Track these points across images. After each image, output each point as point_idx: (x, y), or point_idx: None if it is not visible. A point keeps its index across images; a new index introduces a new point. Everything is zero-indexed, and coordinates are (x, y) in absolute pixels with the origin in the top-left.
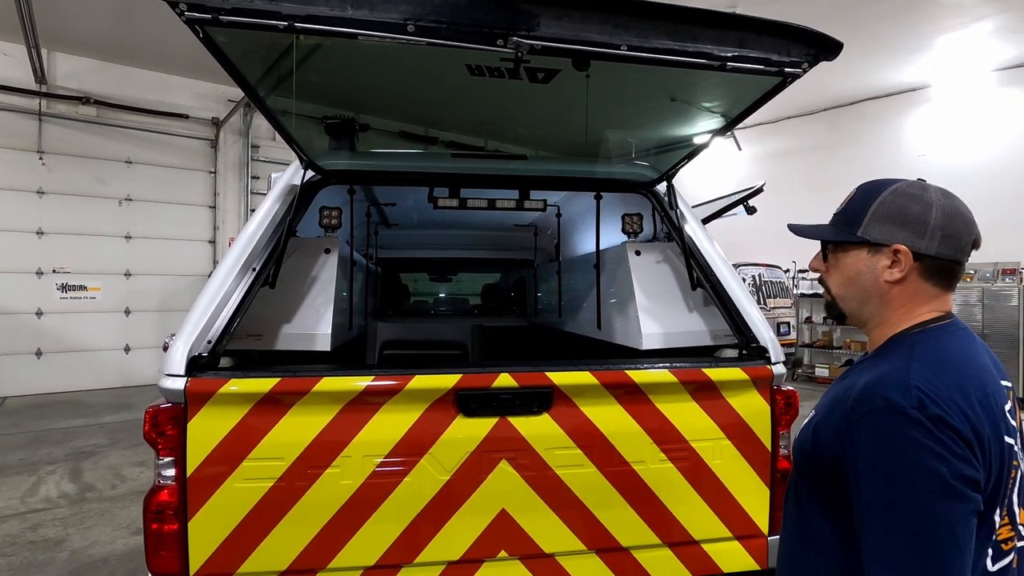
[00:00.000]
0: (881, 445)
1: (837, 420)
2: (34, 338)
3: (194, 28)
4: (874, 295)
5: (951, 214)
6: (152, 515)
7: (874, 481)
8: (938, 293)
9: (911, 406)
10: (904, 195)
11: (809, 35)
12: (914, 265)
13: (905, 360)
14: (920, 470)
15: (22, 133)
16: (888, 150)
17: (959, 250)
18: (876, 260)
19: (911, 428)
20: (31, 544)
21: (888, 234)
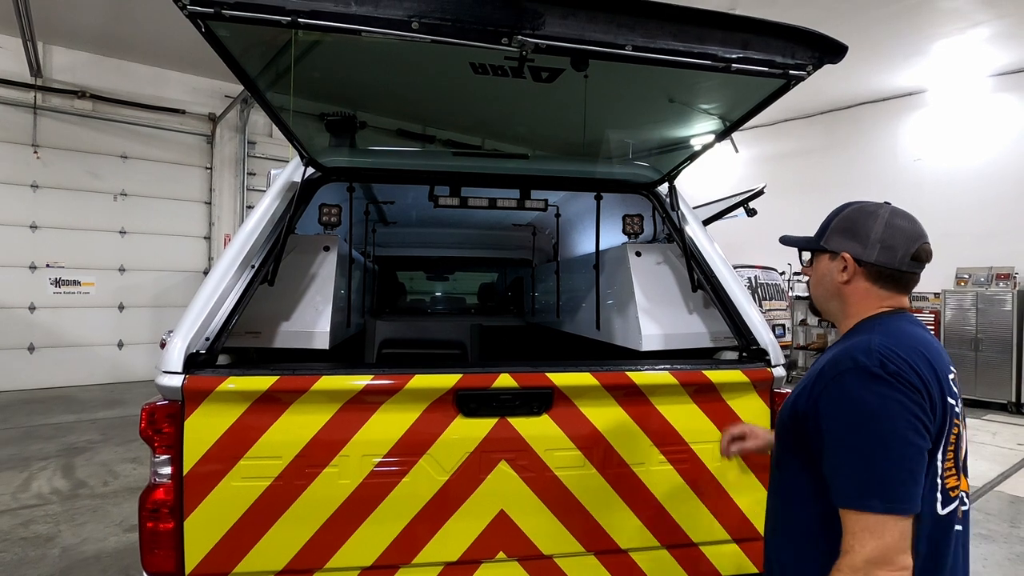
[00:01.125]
0: (849, 395)
1: (811, 387)
2: (27, 333)
3: (196, 22)
4: (834, 294)
5: (894, 229)
6: (148, 513)
7: (842, 422)
8: (888, 295)
9: (873, 364)
10: (859, 212)
11: (814, 38)
12: (859, 270)
13: (867, 334)
14: (883, 409)
15: (16, 126)
16: (884, 154)
17: (897, 260)
18: (834, 265)
19: (874, 381)
20: (22, 540)
21: (839, 244)
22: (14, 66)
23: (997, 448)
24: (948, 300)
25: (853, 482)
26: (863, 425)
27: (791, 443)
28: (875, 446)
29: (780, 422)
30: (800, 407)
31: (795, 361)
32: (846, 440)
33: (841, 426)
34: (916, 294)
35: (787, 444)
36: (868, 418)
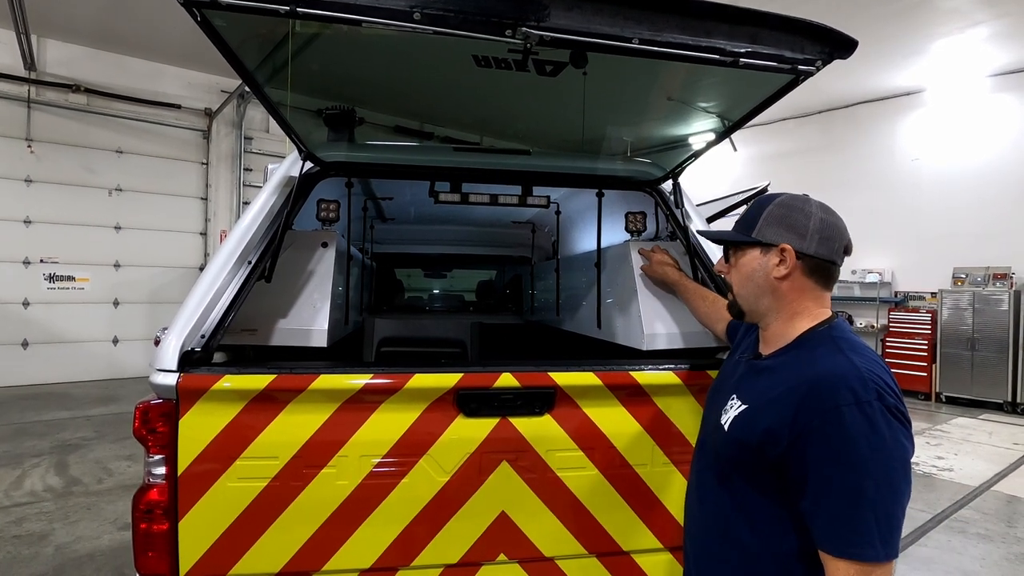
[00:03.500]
0: (851, 436)
1: (785, 416)
2: (20, 329)
3: (191, 11)
4: (767, 290)
5: (826, 222)
6: (141, 514)
7: (841, 465)
8: (820, 292)
9: (873, 398)
10: (789, 205)
11: (824, 32)
12: (797, 263)
13: (839, 354)
14: (885, 453)
15: (10, 120)
16: (882, 153)
17: (833, 252)
18: (767, 259)
19: (876, 419)
20: (15, 539)
21: (776, 235)
22: (8, 59)
23: (994, 448)
24: (945, 300)
25: (855, 529)
26: (869, 468)
27: (754, 467)
28: (881, 491)
29: (736, 442)
30: (772, 431)
31: None
32: (848, 484)
33: (840, 468)
34: (913, 293)
35: (745, 466)
36: (877, 460)
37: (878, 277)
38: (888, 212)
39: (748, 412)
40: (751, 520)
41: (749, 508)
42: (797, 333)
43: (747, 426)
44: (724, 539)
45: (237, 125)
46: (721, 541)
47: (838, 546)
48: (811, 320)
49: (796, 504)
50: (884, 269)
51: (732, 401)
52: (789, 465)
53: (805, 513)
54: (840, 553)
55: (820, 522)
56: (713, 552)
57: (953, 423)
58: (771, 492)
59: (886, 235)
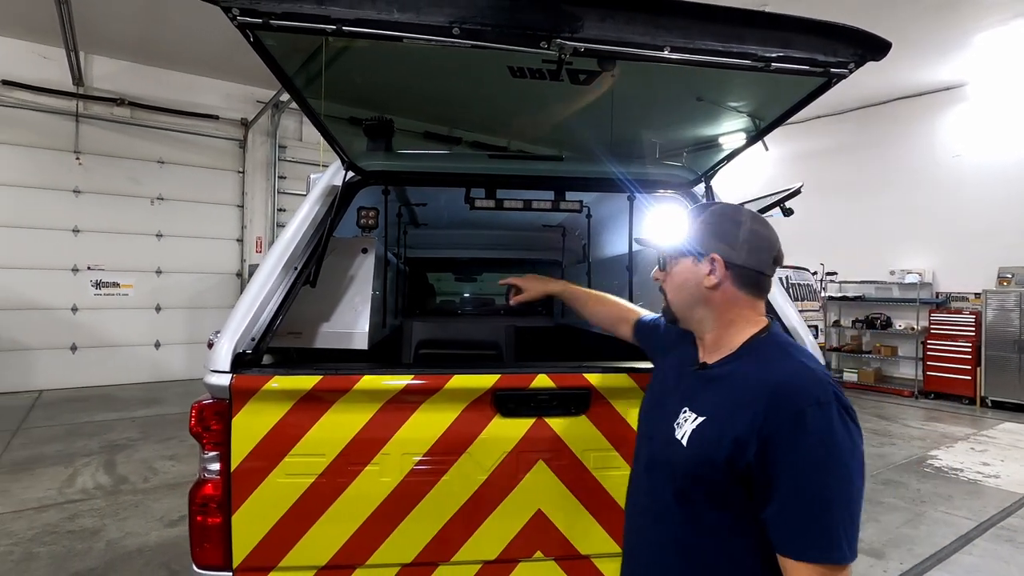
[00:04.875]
0: (816, 439)
1: (752, 424)
2: (69, 333)
3: (245, 32)
4: (699, 299)
5: (757, 232)
6: (197, 508)
7: (807, 469)
8: (751, 301)
9: (832, 400)
10: (721, 215)
11: (857, 35)
12: (727, 272)
13: (790, 359)
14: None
15: (60, 134)
16: (921, 150)
17: (762, 262)
18: (699, 268)
19: (837, 421)
20: (70, 533)
21: (707, 245)
22: (57, 75)
23: None
24: (990, 300)
25: (822, 532)
26: (834, 469)
27: (709, 479)
28: (844, 492)
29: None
30: (739, 440)
31: (828, 363)
32: (814, 486)
33: (808, 471)
34: (956, 294)
35: (700, 480)
36: (841, 461)
37: (918, 278)
38: (928, 210)
39: (708, 424)
40: (717, 538)
41: (714, 526)
42: (740, 341)
43: (711, 439)
44: (684, 560)
45: (271, 134)
46: (681, 563)
47: (804, 550)
48: (750, 327)
49: (758, 514)
50: (924, 269)
51: (685, 414)
52: (756, 473)
53: (768, 520)
54: (806, 557)
55: (786, 527)
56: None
57: (1000, 428)
58: (736, 506)
59: (926, 234)
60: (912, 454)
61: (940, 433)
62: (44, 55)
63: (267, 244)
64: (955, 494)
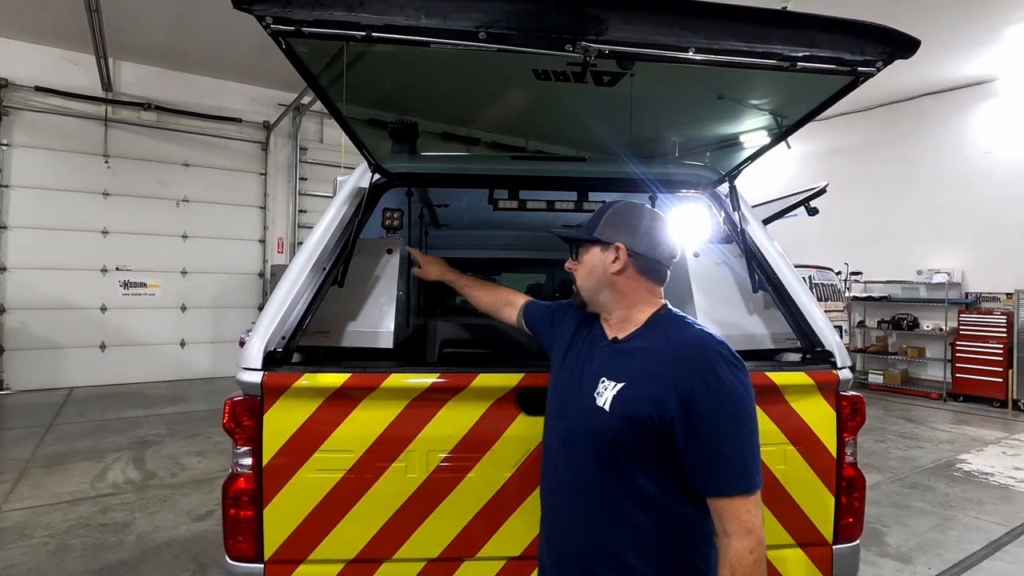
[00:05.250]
0: (728, 387)
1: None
2: (99, 332)
3: (278, 40)
4: (605, 284)
5: (655, 225)
6: (230, 501)
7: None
8: (651, 286)
9: (732, 355)
10: (624, 209)
11: (885, 33)
12: (629, 260)
13: (690, 327)
14: (750, 397)
15: (90, 138)
16: (950, 147)
17: (659, 253)
18: (605, 256)
19: (740, 371)
20: (102, 526)
21: (612, 235)
22: (87, 82)
23: None
24: (1022, 300)
25: (743, 469)
26: (743, 413)
27: (632, 441)
28: (751, 431)
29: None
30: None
31: (853, 364)
32: (730, 430)
33: (724, 418)
34: (986, 294)
35: (624, 442)
36: (745, 406)
37: (946, 277)
38: (958, 208)
39: (628, 389)
40: (644, 496)
41: (640, 485)
42: (643, 318)
43: (632, 401)
44: (615, 524)
45: (293, 136)
46: (611, 527)
47: (734, 486)
48: (651, 307)
49: (680, 465)
50: (953, 269)
51: (604, 383)
52: (677, 427)
53: (691, 469)
54: (736, 491)
55: (710, 470)
56: (607, 542)
57: None
58: (658, 463)
59: (955, 233)
60: (940, 457)
61: (969, 436)
62: (75, 62)
63: (288, 245)
64: (985, 499)
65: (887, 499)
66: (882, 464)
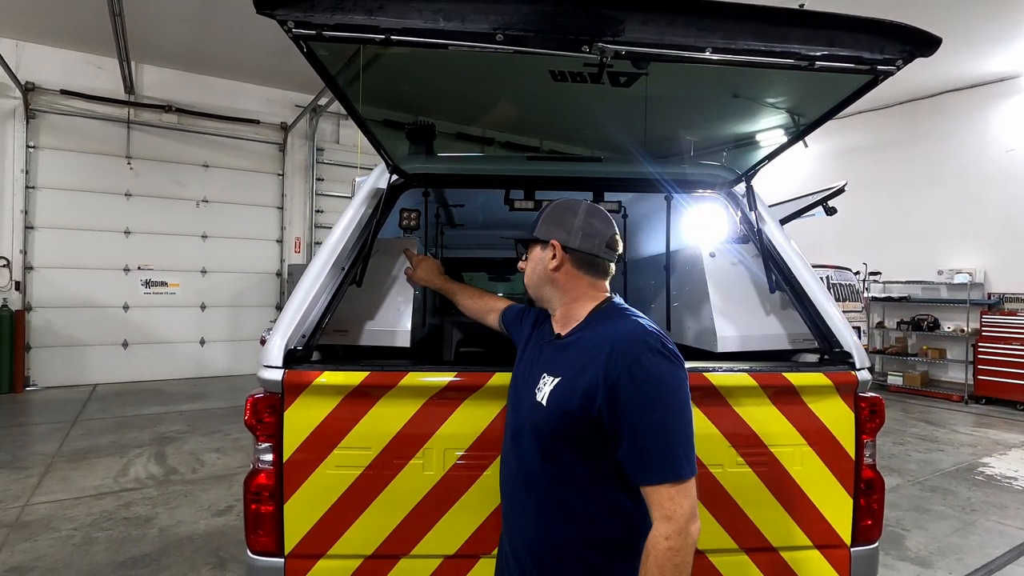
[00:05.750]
0: (653, 377)
1: (597, 374)
2: (121, 330)
3: (299, 44)
4: (546, 281)
5: (589, 222)
6: (251, 496)
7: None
8: (591, 280)
9: (661, 346)
10: (562, 206)
11: (905, 31)
12: (566, 256)
13: (626, 319)
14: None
15: (113, 140)
16: (972, 145)
17: (595, 247)
18: (545, 254)
19: (667, 361)
20: (125, 520)
21: (548, 233)
22: (110, 85)
23: None
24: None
25: (668, 457)
26: (670, 403)
27: (569, 434)
28: (680, 421)
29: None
30: (588, 390)
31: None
32: (656, 419)
33: (649, 407)
34: (1010, 295)
35: (561, 435)
36: (674, 396)
37: (968, 278)
38: (979, 207)
39: (563, 383)
40: (583, 487)
41: (579, 477)
42: (584, 313)
43: (565, 395)
44: (558, 516)
45: (310, 137)
46: (555, 519)
47: (658, 474)
48: (592, 302)
49: (613, 457)
50: (975, 269)
51: (544, 379)
52: (606, 419)
53: (622, 459)
54: (660, 480)
55: (638, 459)
56: (552, 534)
57: None
58: (595, 456)
59: (977, 232)
60: (962, 461)
61: (992, 440)
62: (98, 65)
63: (305, 245)
64: (1009, 503)
65: (907, 502)
66: (902, 467)
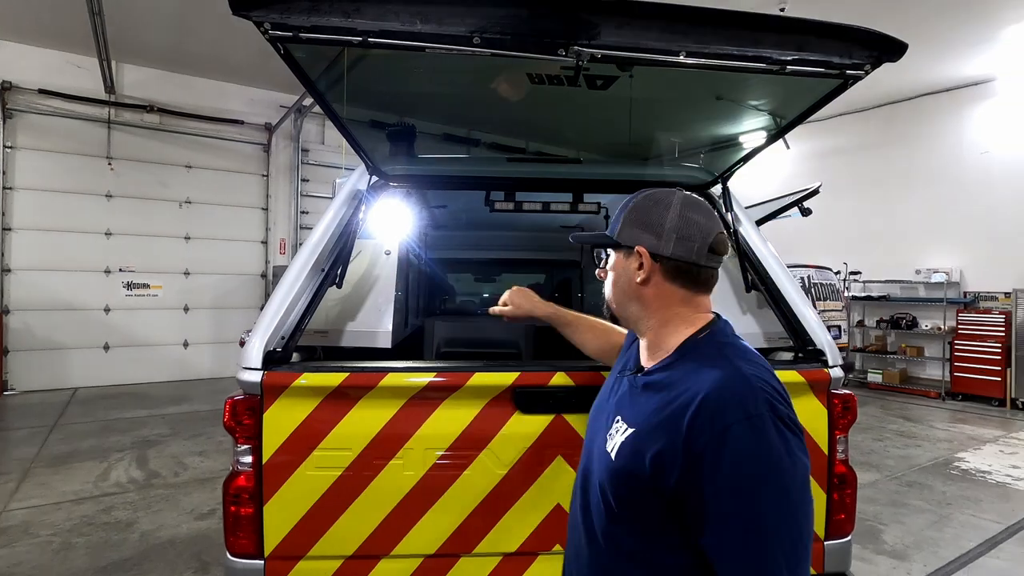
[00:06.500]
0: (739, 455)
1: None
2: (102, 333)
3: (276, 46)
4: (632, 297)
5: (687, 219)
6: (231, 498)
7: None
8: (689, 295)
9: (764, 410)
10: (650, 200)
11: (872, 37)
12: (655, 266)
13: (724, 362)
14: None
15: (93, 140)
16: (948, 147)
17: (693, 252)
18: (629, 263)
19: (769, 431)
20: (105, 525)
21: (633, 237)
22: (90, 84)
23: None
24: (1020, 299)
25: (756, 564)
26: (762, 495)
27: (641, 497)
28: (775, 517)
29: (620, 470)
30: (662, 456)
31: (852, 363)
32: (743, 515)
33: (734, 497)
34: (985, 293)
35: (633, 499)
36: (768, 485)
37: (945, 277)
38: (955, 208)
39: (634, 437)
40: (649, 565)
41: (645, 551)
42: (676, 343)
43: (635, 453)
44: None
45: (294, 138)
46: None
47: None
48: (688, 327)
49: (697, 541)
50: (952, 268)
51: (617, 424)
52: (686, 495)
53: (707, 549)
54: None
55: (721, 557)
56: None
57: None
58: (670, 530)
59: (953, 232)
60: (938, 456)
61: (967, 435)
62: (78, 64)
63: (290, 246)
64: (983, 497)
65: (884, 497)
66: (880, 462)
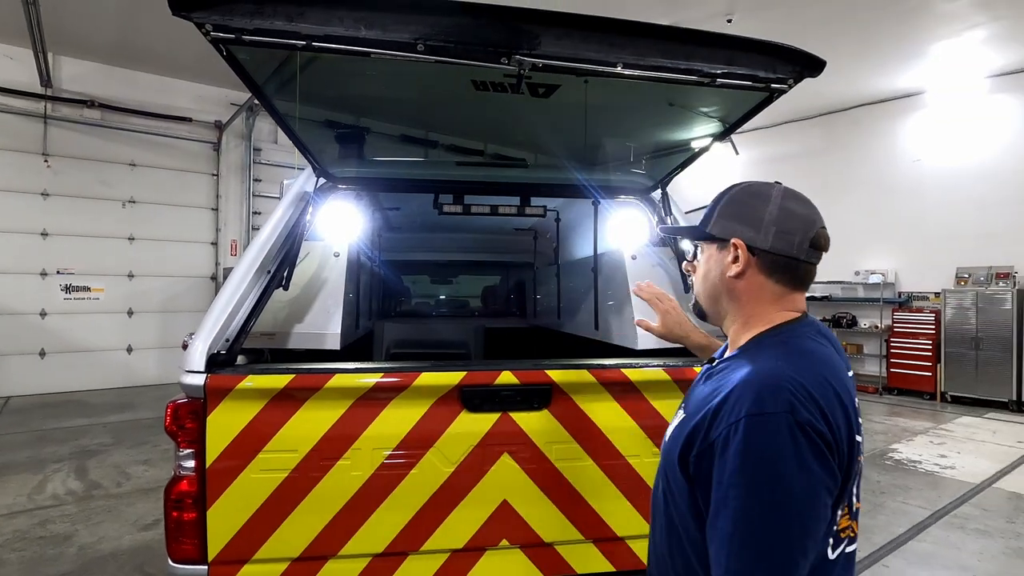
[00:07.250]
0: (741, 449)
1: (704, 423)
2: (38, 338)
3: (218, 47)
4: (723, 291)
5: (788, 211)
6: (172, 504)
7: (738, 484)
8: (784, 291)
9: (783, 411)
10: (747, 193)
11: (794, 54)
12: (752, 259)
13: (771, 360)
14: (778, 472)
15: (27, 136)
16: (884, 155)
17: (793, 246)
18: (722, 256)
19: (780, 436)
20: (40, 539)
21: (728, 229)
22: (24, 77)
23: (996, 446)
24: (948, 299)
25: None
26: (760, 494)
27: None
28: (775, 527)
29: (667, 451)
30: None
31: None
32: (730, 510)
33: (726, 491)
34: (917, 293)
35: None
36: (767, 485)
37: (881, 278)
38: (891, 213)
39: (683, 422)
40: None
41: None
42: (750, 336)
43: (678, 437)
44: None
45: (246, 137)
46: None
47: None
48: (765, 324)
49: None
50: (887, 270)
51: (680, 410)
52: (703, 481)
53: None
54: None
55: (713, 548)
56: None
57: (957, 422)
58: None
59: (889, 236)
60: (874, 448)
61: (901, 427)
62: (10, 56)
63: (241, 247)
64: (912, 485)
65: None
66: None
